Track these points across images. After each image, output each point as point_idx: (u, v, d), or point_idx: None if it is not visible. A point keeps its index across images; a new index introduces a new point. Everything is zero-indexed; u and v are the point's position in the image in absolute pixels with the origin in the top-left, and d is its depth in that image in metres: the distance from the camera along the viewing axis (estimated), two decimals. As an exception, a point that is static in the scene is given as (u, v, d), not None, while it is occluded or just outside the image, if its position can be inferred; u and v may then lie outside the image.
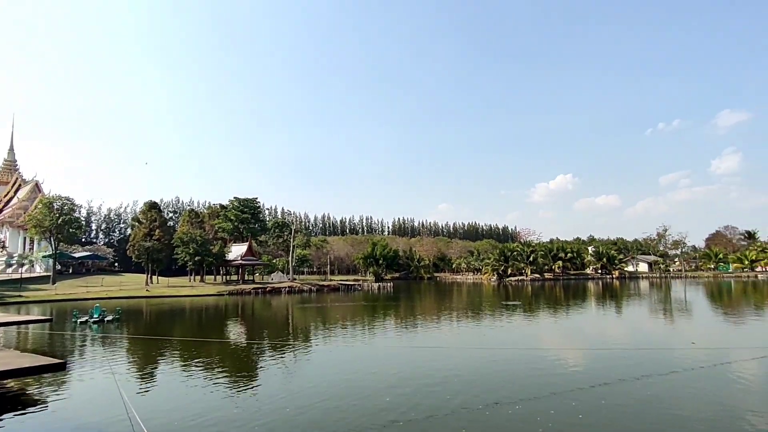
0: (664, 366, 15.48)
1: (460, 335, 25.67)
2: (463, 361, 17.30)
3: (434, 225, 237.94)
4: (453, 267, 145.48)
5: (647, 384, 13.28)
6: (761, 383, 13.73)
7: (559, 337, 24.73)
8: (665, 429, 9.79)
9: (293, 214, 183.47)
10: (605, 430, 9.76)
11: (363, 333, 26.83)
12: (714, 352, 17.80)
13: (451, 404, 11.54)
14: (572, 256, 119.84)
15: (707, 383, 13.48)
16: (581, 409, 10.88)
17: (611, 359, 17.26)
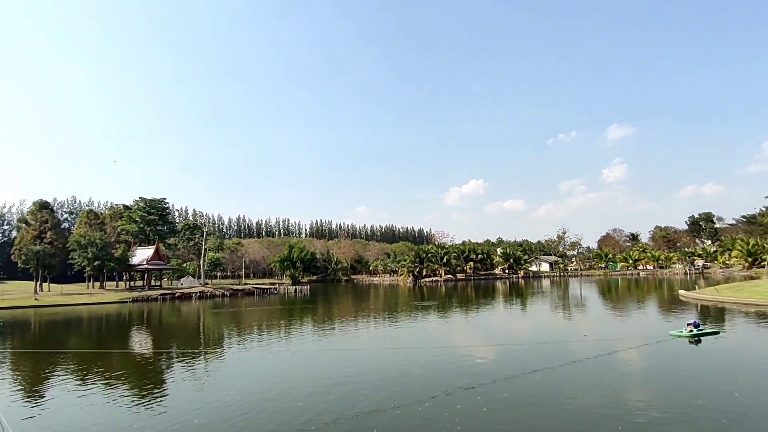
0: (561, 358, 16.74)
1: (376, 337, 25.96)
2: (377, 363, 17.53)
3: (352, 227, 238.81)
4: (370, 269, 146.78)
5: (545, 375, 14.32)
6: (641, 369, 15.41)
7: (470, 335, 25.96)
8: (559, 416, 10.61)
9: (206, 216, 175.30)
10: (505, 420, 10.35)
11: (279, 338, 26.27)
12: (603, 344, 19.58)
13: (364, 406, 11.68)
14: (482, 257, 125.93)
15: (597, 372, 14.86)
16: (485, 403, 11.51)
17: (515, 354, 18.43)
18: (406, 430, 9.92)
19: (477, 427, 9.90)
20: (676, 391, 12.57)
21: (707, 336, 20.44)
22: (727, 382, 13.18)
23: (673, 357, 17.12)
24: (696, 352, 18.11)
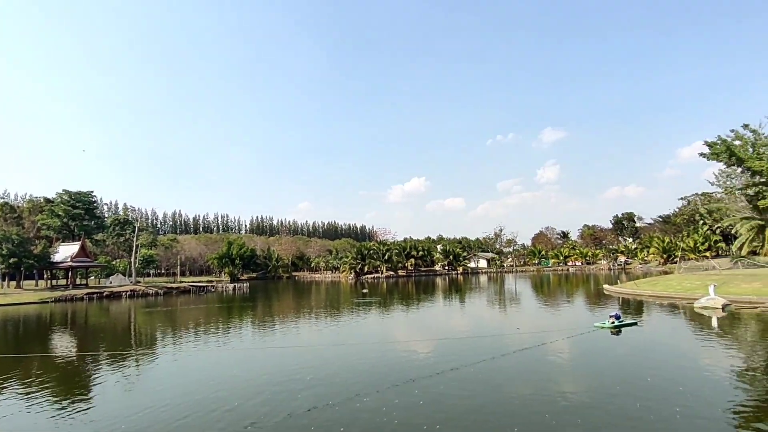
0: (495, 351, 17.61)
1: (317, 334, 25.95)
2: (317, 360, 17.57)
3: (294, 224, 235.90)
4: (312, 266, 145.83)
5: (481, 368, 15.04)
6: (568, 359, 16.50)
7: (410, 330, 26.62)
8: (492, 405, 11.27)
9: (138, 211, 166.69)
10: (440, 411, 10.80)
11: (216, 336, 25.60)
12: (535, 336, 20.79)
13: (300, 404, 11.67)
14: (423, 254, 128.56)
15: (528, 362, 15.79)
16: (422, 396, 11.93)
17: (453, 347, 19.08)
18: (342, 426, 9.97)
19: (413, 420, 10.19)
20: (597, 379, 13.65)
21: (627, 327, 22.22)
22: (641, 368, 14.46)
23: (596, 347, 18.47)
24: (616, 341, 19.71)
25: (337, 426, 10.00)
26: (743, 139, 54.05)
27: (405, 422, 10.07)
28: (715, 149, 55.04)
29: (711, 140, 55.60)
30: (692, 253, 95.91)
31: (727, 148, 53.66)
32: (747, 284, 32.47)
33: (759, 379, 13.18)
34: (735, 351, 17.41)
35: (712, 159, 56.21)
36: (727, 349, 17.87)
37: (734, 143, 54.04)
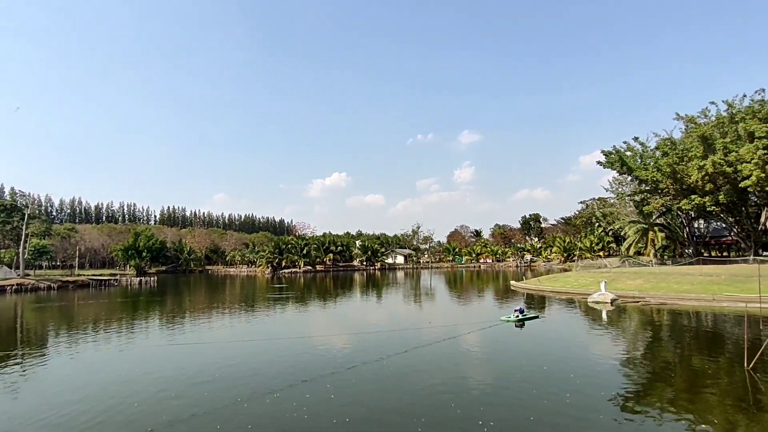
0: (409, 344, 18.16)
1: (230, 329, 25.21)
2: (229, 356, 17.14)
3: (209, 216, 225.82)
4: (227, 259, 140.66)
5: (393, 361, 15.47)
6: (475, 351, 17.46)
7: (326, 325, 26.77)
8: (403, 397, 11.66)
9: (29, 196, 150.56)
10: (352, 404, 11.02)
11: (119, 334, 23.93)
12: (446, 329, 21.75)
13: (208, 403, 11.31)
14: (342, 249, 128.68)
15: (439, 355, 16.49)
16: (334, 390, 12.08)
17: (367, 341, 19.49)
18: (250, 424, 9.79)
19: (323, 414, 10.27)
20: (501, 368, 14.64)
21: (530, 320, 23.97)
22: (540, 358, 15.70)
23: (501, 339, 19.71)
24: (520, 334, 21.21)
25: (244, 424, 9.79)
26: (633, 151, 59.99)
27: (315, 417, 10.12)
28: (610, 158, 60.66)
29: (607, 150, 61.24)
30: (588, 252, 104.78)
31: (620, 158, 59.32)
32: (632, 281, 36.21)
33: (639, 365, 14.91)
34: (620, 340, 19.49)
35: (608, 167, 61.93)
36: (614, 338, 19.96)
37: (626, 154, 59.82)
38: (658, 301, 29.82)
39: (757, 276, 28.48)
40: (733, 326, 21.00)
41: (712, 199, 49.92)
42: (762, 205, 52.53)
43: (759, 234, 54.42)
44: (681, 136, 57.28)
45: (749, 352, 13.23)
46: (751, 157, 44.86)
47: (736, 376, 12.56)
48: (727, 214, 55.58)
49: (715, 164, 46.79)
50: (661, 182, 54.52)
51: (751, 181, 44.63)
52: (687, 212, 60.79)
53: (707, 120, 54.68)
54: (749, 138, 46.87)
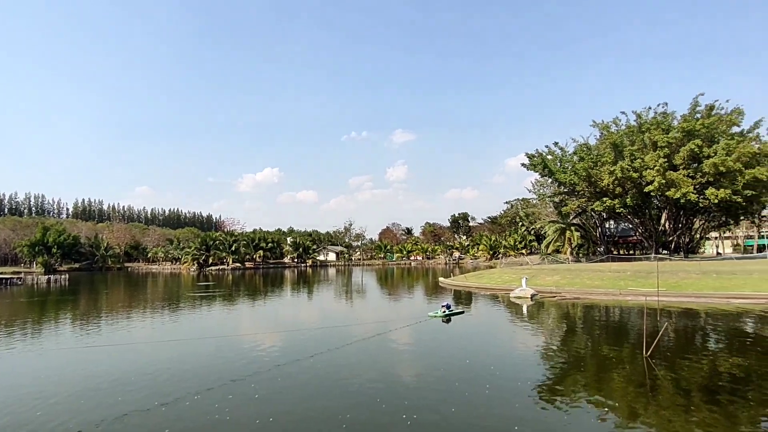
0: (338, 341, 18.26)
1: (151, 329, 23.82)
2: (147, 358, 16.42)
3: (129, 210, 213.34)
4: (149, 256, 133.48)
5: (322, 358, 15.46)
6: (404, 346, 17.90)
7: (254, 323, 26.28)
8: (330, 395, 11.68)
9: None
10: (276, 406, 10.82)
11: (23, 336, 21.71)
12: (376, 325, 22.08)
13: (121, 409, 10.63)
14: (273, 246, 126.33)
15: (369, 351, 16.75)
16: (259, 390, 11.83)
17: (297, 339, 19.36)
18: (167, 428, 9.37)
19: (246, 415, 10.01)
20: (426, 363, 15.15)
21: (456, 315, 24.82)
22: (463, 351, 16.41)
23: (428, 334, 20.31)
24: (446, 329, 21.94)
25: (159, 429, 9.32)
26: (554, 155, 63.84)
27: (237, 418, 9.85)
28: (533, 161, 64.15)
29: (531, 153, 64.73)
30: (512, 250, 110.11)
31: (542, 161, 62.89)
32: (550, 277, 38.67)
33: (555, 356, 16.07)
34: (539, 333, 20.82)
35: (531, 169, 65.45)
36: (532, 331, 21.30)
37: (548, 157, 63.54)
38: (573, 295, 32.12)
39: (660, 272, 31.59)
40: (636, 318, 23.07)
41: (621, 201, 54.34)
42: (662, 208, 57.95)
43: (659, 234, 59.99)
44: (596, 143, 61.78)
45: (648, 341, 14.70)
46: (654, 164, 49.35)
47: (637, 363, 13.89)
48: (633, 215, 60.68)
49: (624, 170, 50.99)
50: (577, 185, 58.55)
51: (654, 186, 49.09)
52: (599, 213, 65.65)
53: (618, 128, 59.33)
54: (653, 147, 51.50)
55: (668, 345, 16.45)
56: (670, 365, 13.68)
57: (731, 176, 47.79)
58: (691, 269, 35.91)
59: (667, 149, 50.19)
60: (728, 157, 46.79)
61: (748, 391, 11.20)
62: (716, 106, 53.43)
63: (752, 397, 10.67)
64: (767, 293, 27.42)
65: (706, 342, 17.84)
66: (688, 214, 58.08)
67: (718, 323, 21.65)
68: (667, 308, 25.42)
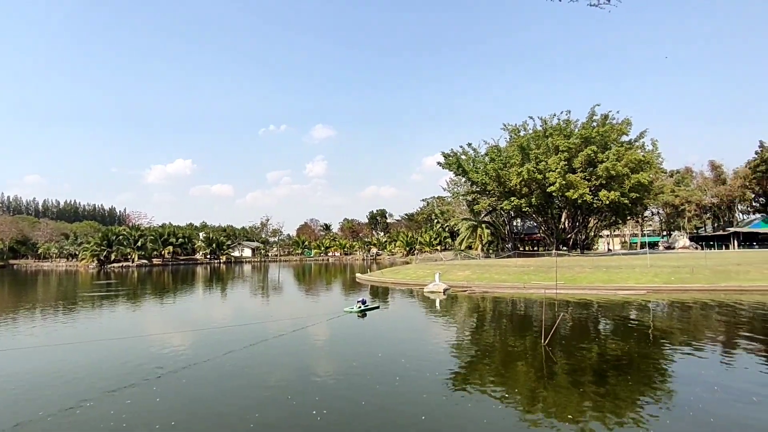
0: (252, 338, 17.84)
1: (40, 332, 21.58)
2: (33, 363, 14.98)
3: (16, 200, 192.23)
4: (39, 252, 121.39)
5: (232, 357, 15.05)
6: (319, 342, 17.98)
7: (161, 322, 24.93)
8: (240, 394, 11.39)
9: None
10: (180, 408, 10.37)
11: None
12: (292, 322, 21.78)
13: (8, 419, 9.81)
14: (183, 241, 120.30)
15: (283, 348, 16.57)
16: (161, 394, 11.22)
17: (207, 338, 18.60)
18: None
19: (145, 420, 9.46)
20: (340, 358, 15.26)
21: (371, 310, 25.25)
22: (376, 346, 16.82)
23: (343, 330, 20.48)
24: (361, 324, 22.22)
25: None
26: (467, 155, 66.81)
27: (134, 425, 9.21)
28: (448, 161, 66.66)
29: (446, 152, 67.23)
30: (428, 246, 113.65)
31: (456, 160, 65.57)
32: (461, 272, 40.56)
33: (465, 347, 16.92)
34: (450, 326, 21.77)
35: (446, 168, 67.96)
36: (444, 324, 22.26)
37: (462, 157, 66.38)
38: (482, 289, 33.97)
39: (559, 267, 34.34)
40: (538, 309, 24.97)
41: (527, 201, 58.28)
42: (563, 208, 62.87)
43: (560, 232, 65.07)
44: (506, 145, 65.59)
45: (546, 330, 16.06)
46: (555, 166, 53.44)
47: (537, 352, 15.04)
48: (537, 214, 65.23)
49: (530, 171, 54.68)
50: (488, 185, 61.81)
51: (555, 187, 53.16)
52: (508, 212, 69.87)
53: (526, 132, 63.42)
54: (555, 151, 55.72)
55: (564, 334, 18.00)
56: (566, 352, 15.00)
57: (620, 180, 53.13)
58: (586, 264, 39.42)
59: (567, 153, 54.58)
60: (618, 163, 51.97)
61: (630, 371, 12.58)
62: (609, 116, 58.99)
63: (633, 377, 12.01)
64: (646, 285, 30.90)
65: (597, 329, 19.72)
66: (584, 214, 63.51)
67: (606, 312, 24.00)
68: (564, 300, 27.73)
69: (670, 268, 34.13)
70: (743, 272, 31.65)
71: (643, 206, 68.17)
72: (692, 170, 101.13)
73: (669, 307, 25.20)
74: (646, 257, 40.89)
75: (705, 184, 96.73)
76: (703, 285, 30.08)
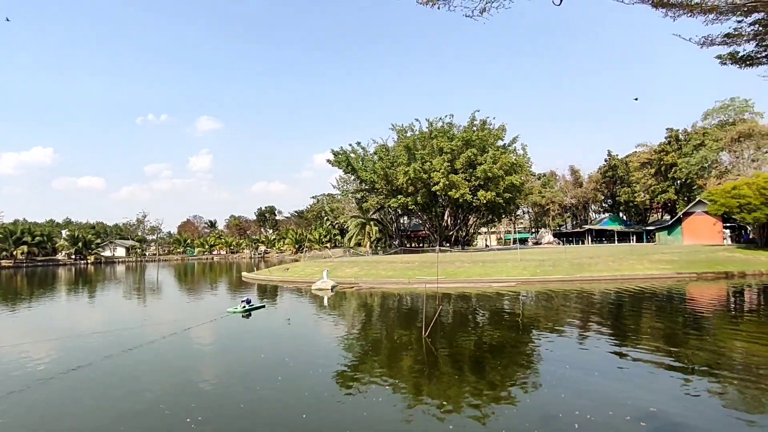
0: (122, 345, 16.38)
1: None
2: None
3: None
4: None
5: (99, 367, 13.80)
6: (200, 345, 16.92)
7: (14, 333, 21.46)
8: (104, 406, 10.47)
9: None
10: (29, 429, 9.41)
11: None
12: (171, 325, 20.42)
13: None
14: (42, 240, 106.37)
15: (158, 353, 15.43)
16: (9, 414, 10.03)
17: (71, 348, 16.77)
18: None
19: None
20: (220, 361, 14.66)
21: (256, 310, 24.53)
22: (259, 346, 16.35)
23: (226, 331, 19.69)
24: (245, 324, 21.41)
25: None
26: (356, 154, 67.84)
27: None
28: (338, 158, 67.12)
29: (336, 150, 67.61)
30: (317, 243, 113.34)
31: (346, 158, 66.27)
32: (350, 269, 41.06)
33: (351, 344, 17.07)
34: (337, 323, 21.88)
35: (336, 166, 68.39)
36: (331, 321, 22.35)
37: (351, 155, 67.21)
38: (369, 285, 34.71)
39: (441, 262, 36.24)
40: (421, 303, 26.17)
41: (413, 199, 60.81)
42: (446, 207, 66.51)
43: (443, 229, 68.77)
44: (394, 145, 67.70)
45: (426, 323, 16.89)
46: (439, 167, 56.41)
47: (420, 344, 15.82)
48: (422, 212, 68.31)
49: (416, 171, 57.13)
50: (376, 183, 63.37)
51: (439, 187, 56.18)
52: (395, 210, 72.23)
53: (413, 133, 66.03)
54: (440, 152, 58.78)
55: (444, 325, 19.08)
56: (445, 342, 15.91)
57: (496, 181, 57.71)
58: (465, 259, 42.14)
59: (450, 155, 57.94)
60: (494, 165, 56.38)
61: (503, 357, 13.71)
62: (487, 121, 63.68)
63: (504, 363, 13.10)
64: (516, 277, 33.91)
65: (474, 320, 21.16)
66: (465, 212, 67.86)
67: (482, 303, 25.87)
68: (446, 293, 29.39)
69: (536, 262, 37.80)
70: (594, 264, 36.17)
71: (516, 205, 74.97)
72: (556, 174, 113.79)
73: (536, 297, 27.89)
74: (517, 252, 44.86)
75: (566, 186, 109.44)
76: (563, 276, 33.80)
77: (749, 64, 16.88)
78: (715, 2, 13.01)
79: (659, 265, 35.55)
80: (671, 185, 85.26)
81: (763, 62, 16.56)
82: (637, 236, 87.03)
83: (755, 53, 16.54)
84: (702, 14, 13.47)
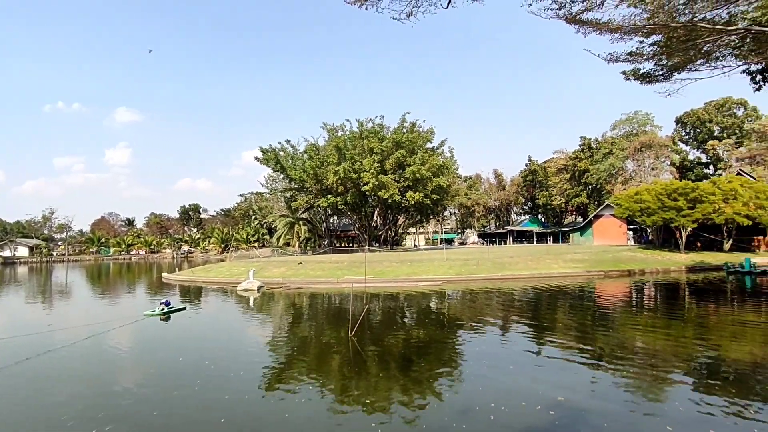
0: (25, 353, 15.15)
1: None
2: None
3: None
4: None
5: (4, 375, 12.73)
6: (114, 349, 15.83)
7: None
8: (8, 421, 9.75)
9: None
10: None
11: None
12: (81, 329, 18.94)
13: None
14: None
15: (67, 360, 14.34)
16: None
17: None
18: None
19: None
20: (136, 367, 13.83)
21: (176, 312, 23.42)
22: (178, 350, 15.72)
23: (143, 334, 18.66)
24: (164, 327, 20.40)
25: None
26: (286, 152, 66.78)
27: None
28: (266, 156, 65.67)
29: (265, 148, 66.11)
30: (245, 243, 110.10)
31: (275, 156, 65.00)
32: (278, 269, 40.30)
33: (276, 346, 16.68)
34: (262, 324, 21.39)
35: (264, 164, 66.83)
36: (256, 323, 21.77)
37: (280, 153, 66.04)
38: (297, 285, 34.29)
39: (370, 262, 36.49)
40: (349, 303, 26.24)
41: (343, 199, 60.82)
42: (375, 207, 67.10)
43: (372, 229, 69.33)
44: (324, 144, 67.31)
45: (353, 322, 16.99)
46: (369, 167, 56.83)
47: (348, 343, 15.88)
48: (352, 212, 68.45)
49: (346, 171, 57.18)
50: (306, 182, 62.73)
51: (369, 187, 56.58)
52: (325, 209, 71.75)
53: (344, 133, 66.00)
54: (370, 152, 59.21)
55: (371, 324, 19.26)
56: (372, 341, 16.05)
57: (424, 182, 59.08)
58: (394, 259, 42.79)
59: (380, 156, 58.54)
60: (422, 167, 57.71)
61: (429, 354, 14.06)
62: (417, 123, 65.06)
63: (429, 360, 13.45)
64: (442, 276, 34.95)
65: (401, 318, 21.56)
66: (394, 213, 68.82)
67: (409, 302, 26.42)
68: (373, 293, 29.67)
69: (461, 261, 39.16)
70: (514, 263, 38.09)
71: (443, 207, 77.15)
72: (481, 177, 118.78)
73: (460, 295, 28.87)
74: (444, 252, 46.20)
75: (490, 189, 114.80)
76: (486, 275, 35.26)
77: (649, 81, 18.60)
78: (620, 23, 14.21)
79: (572, 264, 38.13)
80: (584, 190, 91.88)
81: (660, 80, 18.30)
82: (554, 237, 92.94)
83: (654, 71, 18.26)
84: (609, 33, 14.68)
